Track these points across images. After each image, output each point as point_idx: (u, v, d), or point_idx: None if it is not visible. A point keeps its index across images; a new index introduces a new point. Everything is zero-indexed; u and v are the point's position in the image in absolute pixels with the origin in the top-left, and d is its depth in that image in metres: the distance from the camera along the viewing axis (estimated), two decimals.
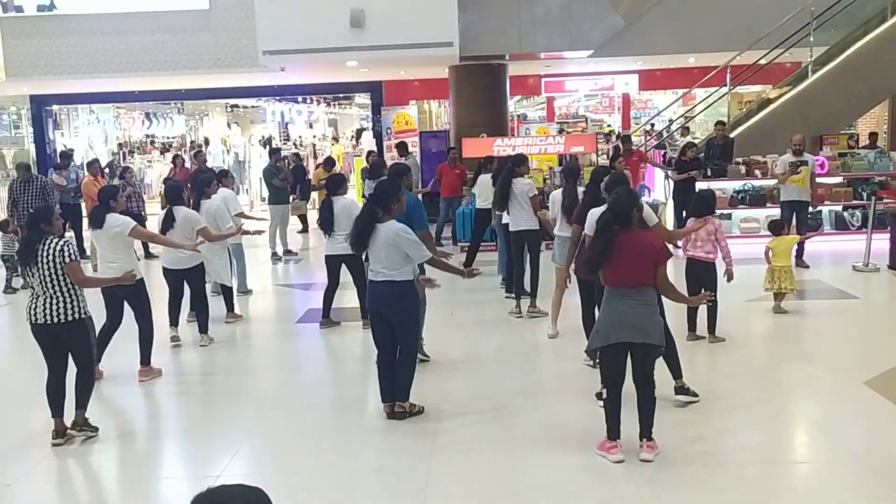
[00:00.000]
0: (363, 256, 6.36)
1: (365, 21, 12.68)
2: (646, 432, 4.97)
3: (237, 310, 9.27)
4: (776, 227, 8.95)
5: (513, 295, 9.05)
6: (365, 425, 5.87)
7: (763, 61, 14.85)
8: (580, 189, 8.23)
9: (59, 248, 5.48)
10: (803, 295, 9.52)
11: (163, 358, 7.60)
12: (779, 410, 5.99)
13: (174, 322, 8.14)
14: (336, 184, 8.55)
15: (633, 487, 4.70)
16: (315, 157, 22.17)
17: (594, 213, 5.88)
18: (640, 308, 4.87)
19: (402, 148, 14.71)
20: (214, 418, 6.22)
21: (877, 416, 5.73)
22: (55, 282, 5.47)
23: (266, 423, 6.07)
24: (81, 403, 5.69)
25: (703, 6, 14.86)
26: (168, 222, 7.70)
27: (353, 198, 8.69)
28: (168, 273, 8.01)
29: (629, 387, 5.00)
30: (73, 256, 5.51)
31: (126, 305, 7.04)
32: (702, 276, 7.42)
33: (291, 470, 5.19)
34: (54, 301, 5.49)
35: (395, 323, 5.72)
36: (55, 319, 5.49)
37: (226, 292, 9.07)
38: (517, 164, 8.79)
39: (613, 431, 5.03)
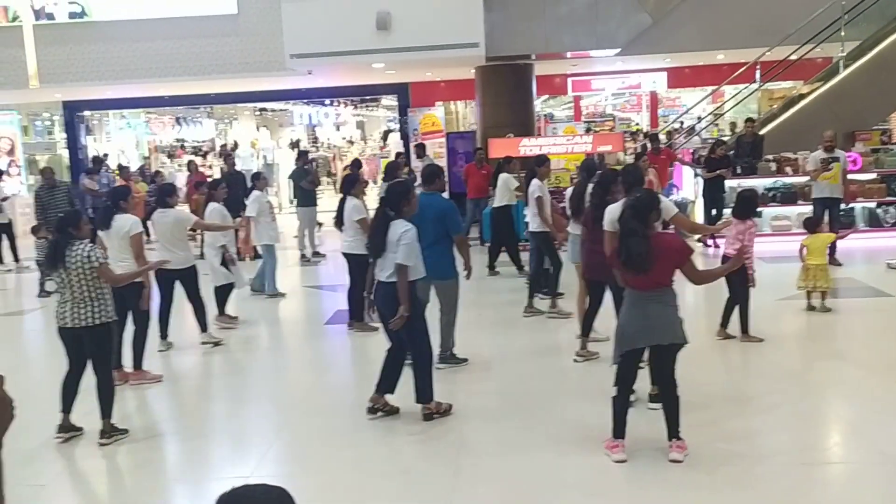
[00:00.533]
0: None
1: (391, 23, 12.73)
2: (673, 432, 4.94)
3: (232, 312, 9.27)
4: (811, 225, 8.82)
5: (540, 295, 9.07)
6: (392, 427, 5.86)
7: (793, 57, 14.65)
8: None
9: (86, 253, 5.56)
10: (836, 293, 9.35)
11: (189, 359, 7.70)
12: (811, 410, 5.91)
13: (164, 334, 8.06)
14: (348, 183, 8.64)
15: (660, 489, 4.66)
16: (339, 159, 22.30)
17: (613, 210, 5.83)
18: (663, 308, 4.86)
19: (420, 149, 14.71)
20: (242, 420, 6.27)
21: None
22: (82, 286, 5.55)
23: (293, 425, 6.11)
24: (105, 412, 5.71)
25: (730, 2, 14.71)
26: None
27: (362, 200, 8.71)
28: (158, 275, 7.75)
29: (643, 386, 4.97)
30: (101, 260, 5.60)
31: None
32: (731, 275, 7.36)
33: (318, 471, 5.22)
34: (81, 305, 5.57)
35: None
36: (81, 323, 5.57)
37: (218, 294, 9.03)
38: (538, 164, 8.78)
39: (618, 430, 5.02)
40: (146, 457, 5.68)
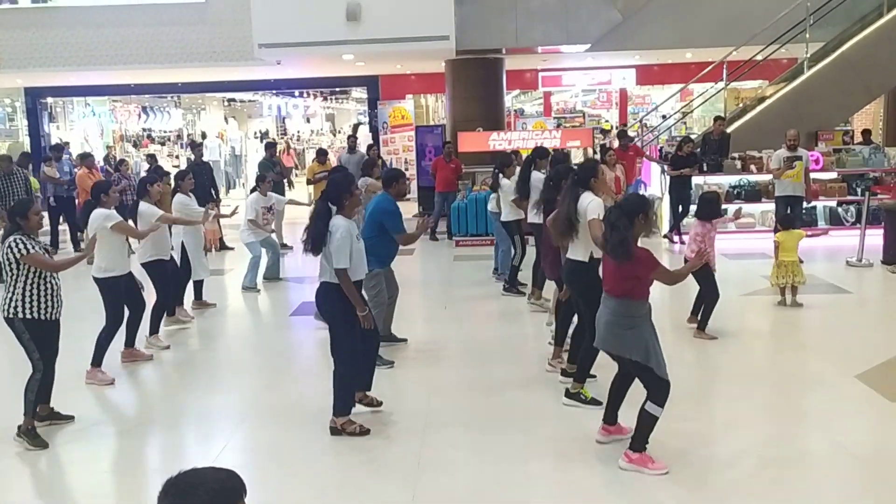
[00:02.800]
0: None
1: (361, 14, 12.67)
2: (633, 442, 4.83)
3: (207, 299, 9.42)
4: (786, 221, 8.94)
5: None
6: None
7: (759, 57, 14.83)
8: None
9: (7, 245, 5.46)
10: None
11: (150, 351, 7.62)
12: (771, 404, 6.00)
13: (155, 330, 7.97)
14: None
15: (622, 487, 4.68)
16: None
17: (594, 198, 5.84)
18: (605, 314, 4.84)
19: (352, 141, 14.39)
20: (200, 413, 6.19)
21: (869, 409, 5.74)
22: (7, 276, 5.50)
23: (254, 417, 6.06)
24: (26, 408, 5.55)
25: (699, 1, 14.86)
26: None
27: None
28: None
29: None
30: (25, 251, 5.41)
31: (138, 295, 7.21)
32: (698, 274, 7.47)
33: (281, 463, 5.19)
34: (6, 294, 5.50)
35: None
36: (2, 312, 5.54)
37: (196, 283, 9.20)
38: (539, 156, 8.74)
39: (605, 414, 5.18)
40: (109, 448, 5.60)
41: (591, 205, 5.76)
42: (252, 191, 11.02)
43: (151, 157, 15.83)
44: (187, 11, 14.93)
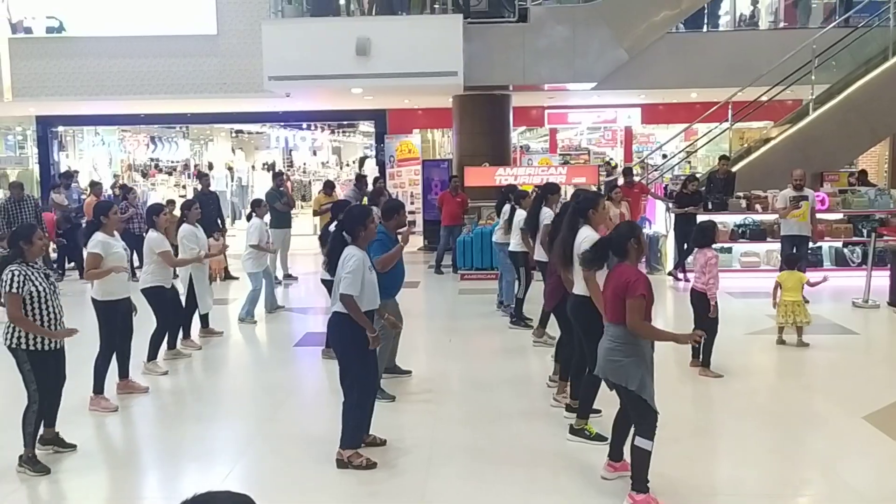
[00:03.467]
0: None
1: (370, 49, 12.79)
2: (634, 483, 4.75)
3: (214, 327, 9.47)
4: (791, 261, 8.96)
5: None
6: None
7: (764, 98, 14.94)
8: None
9: (3, 276, 5.41)
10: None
11: (149, 379, 7.58)
12: (777, 445, 5.94)
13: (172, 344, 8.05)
14: (338, 210, 8.59)
15: None
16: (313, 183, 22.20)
17: (589, 233, 5.89)
18: (605, 342, 4.83)
19: (328, 188, 14.39)
20: (202, 443, 6.15)
21: (876, 451, 5.69)
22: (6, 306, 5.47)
23: (255, 449, 6.02)
24: (26, 440, 5.50)
25: (705, 42, 15.05)
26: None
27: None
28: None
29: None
30: (7, 288, 5.34)
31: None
32: (697, 307, 7.51)
33: (285, 495, 5.14)
34: (9, 323, 5.47)
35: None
36: (4, 340, 5.50)
37: (201, 316, 9.20)
38: (549, 192, 8.76)
39: (610, 450, 5.13)
40: (108, 477, 5.56)
41: (584, 243, 5.78)
42: (249, 217, 11.04)
43: (124, 188, 15.58)
44: (199, 43, 15.12)
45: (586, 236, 5.85)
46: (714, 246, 7.67)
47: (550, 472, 5.33)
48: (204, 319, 9.34)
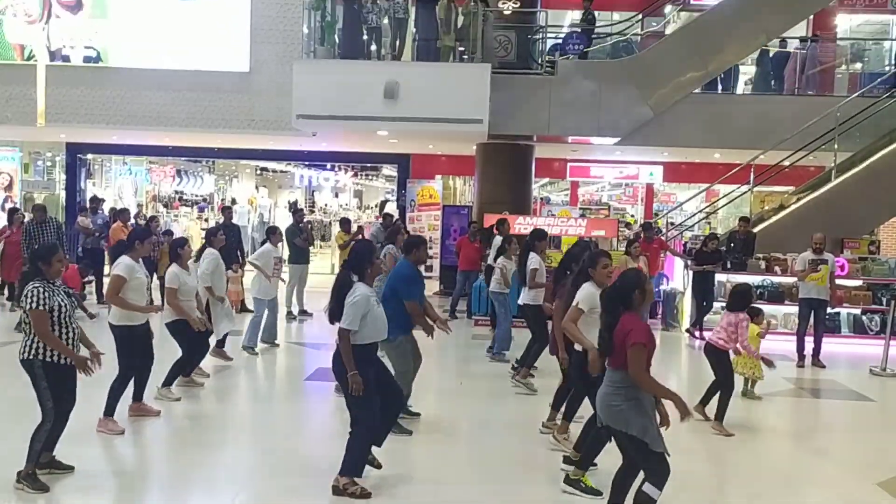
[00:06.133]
0: None
1: (398, 93, 12.98)
2: None
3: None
4: (753, 313, 8.73)
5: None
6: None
7: (786, 162, 14.98)
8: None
9: (25, 293, 5.48)
10: (818, 394, 9.47)
11: (159, 405, 7.58)
12: None
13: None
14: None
15: None
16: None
17: (588, 289, 5.95)
18: (605, 388, 4.79)
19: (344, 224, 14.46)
20: (206, 473, 6.13)
21: None
22: (26, 320, 5.51)
23: (260, 480, 5.99)
24: (30, 456, 5.48)
25: (729, 104, 15.17)
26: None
27: None
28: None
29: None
30: (32, 305, 5.39)
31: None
32: (712, 362, 7.46)
33: None
34: (26, 338, 5.50)
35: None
36: (20, 355, 5.52)
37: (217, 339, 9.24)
38: (536, 238, 8.88)
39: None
40: (104, 500, 5.54)
41: (581, 293, 5.97)
42: (263, 242, 11.14)
43: (149, 218, 15.79)
44: (232, 80, 15.42)
45: (582, 289, 5.96)
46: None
47: None
48: (221, 340, 9.34)
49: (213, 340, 9.10)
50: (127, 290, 6.85)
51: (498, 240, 9.48)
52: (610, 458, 5.52)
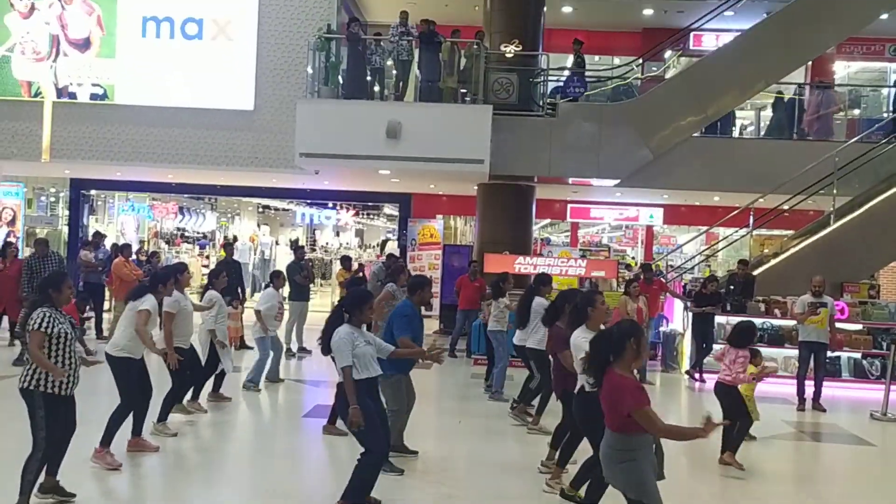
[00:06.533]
0: None
1: (401, 132, 13.11)
2: None
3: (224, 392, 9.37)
4: (752, 354, 8.73)
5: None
6: None
7: (786, 206, 15.05)
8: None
9: (32, 316, 5.53)
10: (819, 437, 9.41)
11: (157, 441, 7.53)
12: None
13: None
14: (351, 285, 8.75)
15: None
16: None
17: (580, 336, 5.98)
18: (604, 449, 4.67)
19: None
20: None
21: None
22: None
23: None
24: (23, 488, 5.44)
25: (729, 147, 15.29)
26: None
27: None
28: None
29: None
30: (34, 326, 5.45)
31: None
32: (725, 402, 7.44)
33: None
34: (27, 367, 5.53)
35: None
36: (20, 383, 5.54)
37: (217, 376, 9.15)
38: (541, 283, 8.90)
39: None
40: None
41: (576, 339, 6.04)
42: (266, 286, 11.17)
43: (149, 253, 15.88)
44: (236, 118, 15.57)
45: (576, 335, 6.00)
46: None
47: None
48: (217, 383, 9.30)
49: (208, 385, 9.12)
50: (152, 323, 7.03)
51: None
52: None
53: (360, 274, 13.53)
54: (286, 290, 12.97)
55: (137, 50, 15.72)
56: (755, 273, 13.90)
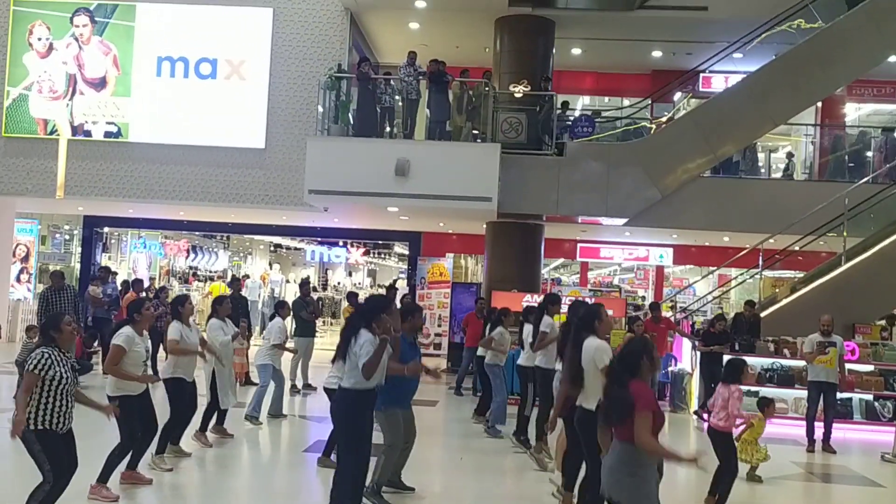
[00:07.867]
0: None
1: (409, 170, 13.20)
2: None
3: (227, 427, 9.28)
4: (763, 404, 8.72)
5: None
6: None
7: (796, 247, 14.97)
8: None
9: (31, 355, 5.54)
10: (829, 479, 9.25)
11: (155, 474, 7.48)
12: None
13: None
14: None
15: None
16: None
17: (604, 346, 5.93)
18: (610, 459, 4.68)
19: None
20: None
21: None
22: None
23: None
24: None
25: (738, 188, 15.27)
26: None
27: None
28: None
29: None
30: (30, 367, 5.47)
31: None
32: (715, 445, 7.33)
33: None
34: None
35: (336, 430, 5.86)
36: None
37: (220, 411, 9.07)
38: (550, 302, 8.88)
39: None
40: None
41: (598, 352, 5.87)
42: (272, 317, 11.19)
43: (158, 289, 15.95)
44: (247, 156, 15.71)
45: (597, 346, 5.90)
46: (742, 387, 7.58)
47: None
48: (221, 417, 9.27)
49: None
50: (125, 361, 6.87)
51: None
52: None
53: None
54: (291, 327, 12.99)
55: (152, 89, 15.95)
56: (765, 313, 13.79)
